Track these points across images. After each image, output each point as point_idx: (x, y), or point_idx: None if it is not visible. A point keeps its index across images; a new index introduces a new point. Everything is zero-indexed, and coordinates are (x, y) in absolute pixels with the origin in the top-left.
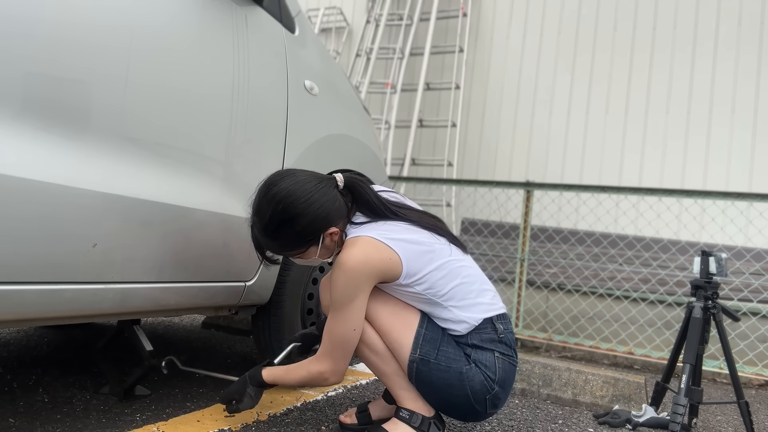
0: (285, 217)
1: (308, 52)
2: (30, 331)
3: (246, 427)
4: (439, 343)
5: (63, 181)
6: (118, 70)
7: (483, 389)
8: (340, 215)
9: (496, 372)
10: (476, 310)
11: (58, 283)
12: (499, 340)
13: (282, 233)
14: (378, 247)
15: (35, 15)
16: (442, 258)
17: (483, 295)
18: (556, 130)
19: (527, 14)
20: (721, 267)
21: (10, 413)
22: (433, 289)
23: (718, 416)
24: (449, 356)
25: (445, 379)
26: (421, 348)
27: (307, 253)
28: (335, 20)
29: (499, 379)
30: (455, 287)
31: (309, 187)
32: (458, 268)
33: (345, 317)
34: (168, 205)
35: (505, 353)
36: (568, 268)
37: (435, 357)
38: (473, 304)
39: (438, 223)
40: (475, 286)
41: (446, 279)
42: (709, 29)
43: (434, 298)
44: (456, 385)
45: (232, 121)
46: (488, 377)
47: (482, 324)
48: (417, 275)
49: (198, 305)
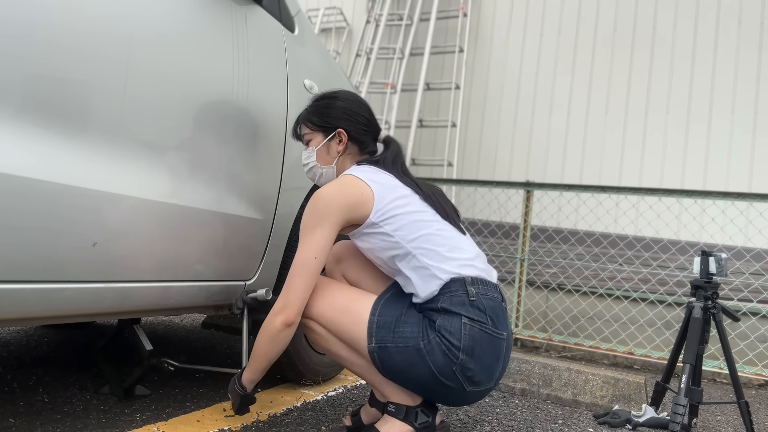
0: (332, 95)
1: (308, 52)
2: (30, 331)
3: (246, 427)
4: (395, 325)
5: (63, 180)
6: (117, 69)
7: (446, 361)
8: (359, 136)
9: (461, 339)
10: (448, 264)
11: (58, 282)
12: (469, 304)
13: (320, 103)
14: (354, 183)
15: (35, 15)
16: (419, 210)
17: (456, 252)
18: (556, 130)
19: (527, 14)
20: (721, 267)
21: (10, 413)
22: (402, 231)
23: (718, 416)
24: (405, 335)
25: (406, 360)
26: (376, 335)
27: (315, 138)
28: (335, 20)
29: (464, 346)
30: (425, 235)
31: (364, 102)
32: (431, 223)
33: (307, 243)
34: (168, 204)
35: (477, 318)
36: (568, 268)
37: (392, 340)
38: (444, 258)
39: (441, 200)
40: (449, 242)
41: (417, 225)
42: (709, 29)
43: (402, 241)
44: (418, 362)
45: (232, 120)
46: (450, 345)
47: (453, 284)
48: (387, 213)
49: (198, 304)
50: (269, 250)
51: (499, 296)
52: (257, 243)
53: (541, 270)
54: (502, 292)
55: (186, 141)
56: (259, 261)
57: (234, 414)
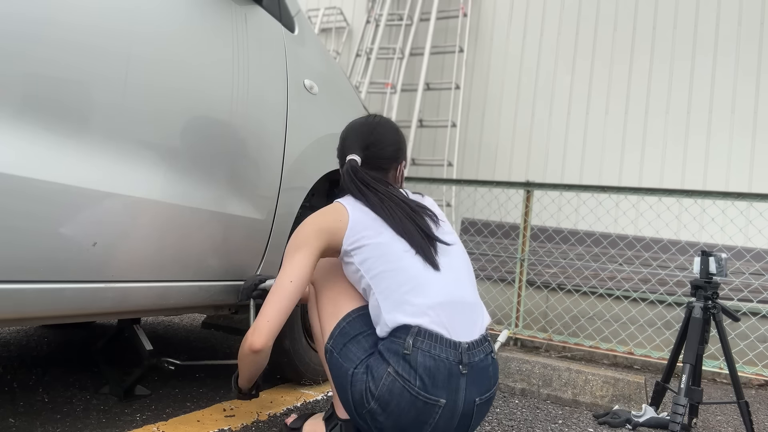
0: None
1: (308, 52)
2: (30, 331)
3: (246, 427)
4: (351, 340)
5: (63, 179)
6: (117, 69)
7: (360, 400)
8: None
9: (378, 387)
10: (399, 311)
11: (58, 282)
12: (402, 357)
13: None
14: (336, 209)
15: (35, 14)
16: (388, 242)
17: (414, 295)
18: (556, 130)
19: (527, 14)
20: (721, 267)
21: (10, 413)
22: (366, 263)
23: (718, 416)
24: (349, 355)
25: (339, 376)
26: (335, 339)
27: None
28: (335, 20)
29: (379, 396)
30: (387, 271)
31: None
32: (400, 257)
33: (285, 267)
34: (168, 204)
35: (403, 374)
36: (568, 268)
37: (339, 351)
38: (398, 303)
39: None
40: (412, 282)
41: (382, 260)
42: (709, 29)
43: (366, 275)
44: (343, 386)
45: (232, 119)
46: (368, 388)
47: (400, 330)
48: (357, 243)
49: (198, 304)
50: (269, 250)
51: (450, 356)
52: (257, 243)
53: (541, 270)
54: (475, 350)
55: (186, 141)
56: (259, 261)
57: (240, 403)
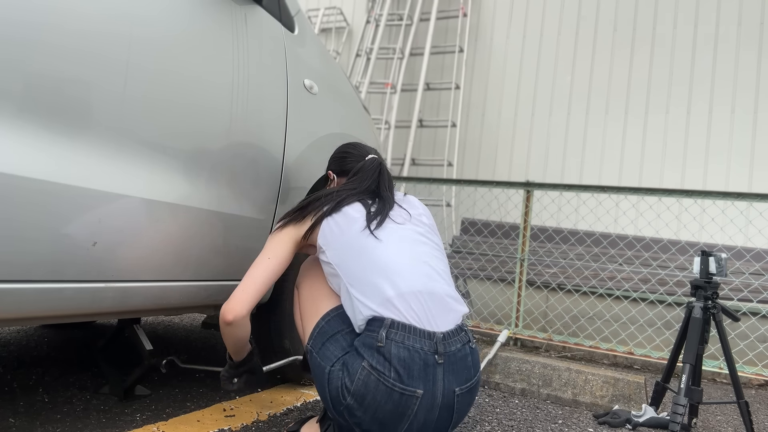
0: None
1: (308, 52)
2: (30, 331)
3: (246, 427)
4: (328, 338)
5: (63, 179)
6: (117, 68)
7: (337, 396)
8: (338, 167)
9: (354, 382)
10: (372, 300)
11: (58, 282)
12: (376, 349)
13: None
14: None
15: (35, 14)
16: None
17: (385, 285)
18: (556, 130)
19: (527, 14)
20: (721, 267)
21: (10, 413)
22: (337, 253)
23: (718, 416)
24: (326, 353)
25: (318, 375)
26: (314, 338)
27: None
28: (335, 20)
29: (355, 391)
30: (355, 260)
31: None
32: (374, 247)
33: (265, 247)
34: (168, 204)
35: (378, 367)
36: (568, 268)
37: (318, 350)
38: (371, 292)
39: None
40: (384, 271)
41: (354, 249)
42: (709, 29)
43: (337, 268)
44: (322, 385)
45: (232, 120)
46: (344, 384)
47: (374, 323)
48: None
49: (198, 304)
50: None
51: (425, 346)
52: (257, 243)
53: (541, 270)
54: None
55: (185, 141)
56: None
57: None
